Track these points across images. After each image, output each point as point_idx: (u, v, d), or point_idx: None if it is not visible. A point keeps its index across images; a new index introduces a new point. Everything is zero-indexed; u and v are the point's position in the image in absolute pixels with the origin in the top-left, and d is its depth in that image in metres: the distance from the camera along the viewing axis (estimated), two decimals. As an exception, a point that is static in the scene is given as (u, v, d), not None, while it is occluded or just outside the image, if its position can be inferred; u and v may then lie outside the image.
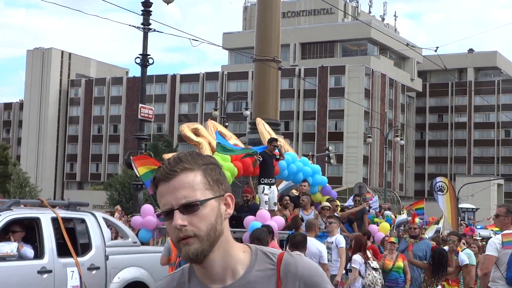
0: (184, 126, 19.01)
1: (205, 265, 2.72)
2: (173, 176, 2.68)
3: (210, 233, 2.66)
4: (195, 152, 2.79)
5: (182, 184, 2.68)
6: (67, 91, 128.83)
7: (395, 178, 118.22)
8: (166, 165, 2.72)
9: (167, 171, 2.69)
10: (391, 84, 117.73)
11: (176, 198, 2.67)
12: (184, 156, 2.74)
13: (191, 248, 2.66)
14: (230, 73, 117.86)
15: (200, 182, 2.69)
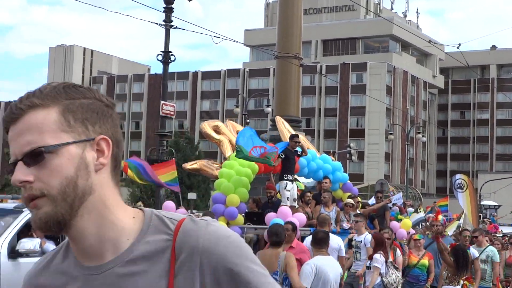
0: (205, 124, 19.04)
1: (73, 236, 2.00)
2: (18, 115, 2.00)
3: (67, 191, 1.94)
4: (65, 84, 2.13)
5: (28, 126, 1.98)
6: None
7: (417, 175, 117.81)
8: (16, 102, 2.05)
9: (12, 110, 2.03)
10: (413, 81, 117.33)
11: (20, 145, 1.99)
12: (40, 88, 2.08)
13: (39, 213, 1.95)
14: (251, 70, 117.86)
15: (53, 122, 1.98)
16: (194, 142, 78.67)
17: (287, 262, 9.61)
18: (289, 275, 9.55)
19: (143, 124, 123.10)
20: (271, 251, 10.04)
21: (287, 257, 9.70)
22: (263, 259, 9.92)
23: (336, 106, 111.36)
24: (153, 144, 53.41)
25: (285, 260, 9.65)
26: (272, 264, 9.70)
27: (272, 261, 9.73)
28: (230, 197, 16.10)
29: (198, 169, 18.32)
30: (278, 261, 9.70)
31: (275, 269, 9.66)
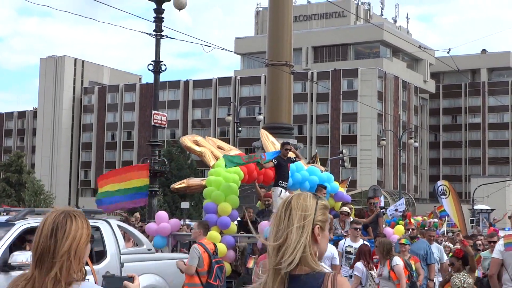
0: (185, 138, 19.06)
1: None
2: None
3: None
4: None
5: None
6: (80, 98, 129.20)
7: (409, 180, 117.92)
8: None
9: None
10: (404, 86, 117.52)
11: None
12: None
13: None
14: (242, 78, 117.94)
15: None
16: (186, 151, 78.50)
17: None
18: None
19: (135, 134, 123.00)
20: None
21: None
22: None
23: (328, 112, 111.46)
24: (145, 154, 53.33)
25: None
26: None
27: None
28: (221, 206, 16.07)
29: (185, 187, 18.30)
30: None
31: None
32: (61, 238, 3.89)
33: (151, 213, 26.24)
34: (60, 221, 3.94)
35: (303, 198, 3.83)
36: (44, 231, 3.96)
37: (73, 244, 3.89)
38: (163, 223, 16.64)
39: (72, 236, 3.91)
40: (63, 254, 3.86)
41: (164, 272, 13.66)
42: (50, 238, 3.90)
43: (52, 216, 4.00)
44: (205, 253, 12.48)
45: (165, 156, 66.19)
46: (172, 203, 72.80)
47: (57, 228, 3.92)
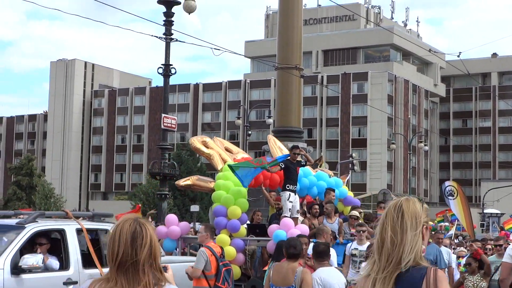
0: (194, 139, 19.04)
1: None
2: None
3: None
4: None
5: None
6: (90, 101, 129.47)
7: (419, 184, 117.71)
8: None
9: None
10: (414, 90, 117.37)
11: None
12: None
13: None
14: (252, 81, 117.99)
15: None
16: (196, 154, 78.51)
17: (304, 278, 9.58)
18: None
19: (145, 137, 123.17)
20: (287, 264, 9.99)
21: (303, 273, 9.67)
22: (279, 272, 9.90)
23: (338, 116, 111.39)
24: (155, 157, 53.40)
25: (301, 276, 9.62)
26: (288, 278, 9.68)
27: (288, 275, 9.70)
28: (231, 209, 16.08)
29: (191, 184, 18.27)
30: (294, 276, 9.67)
31: (290, 283, 9.64)
32: (141, 246, 4.11)
33: (161, 216, 26.32)
34: (138, 229, 4.16)
35: (412, 202, 4.44)
36: (122, 240, 4.12)
37: (152, 250, 4.14)
38: (172, 226, 16.67)
39: (149, 243, 4.15)
40: (144, 261, 4.11)
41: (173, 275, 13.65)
42: (131, 246, 4.10)
43: (128, 225, 4.18)
44: (212, 256, 12.50)
45: (174, 159, 66.22)
46: (182, 206, 72.88)
47: (135, 236, 4.12)
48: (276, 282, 9.81)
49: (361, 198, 25.67)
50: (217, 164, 17.93)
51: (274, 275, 9.90)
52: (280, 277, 9.82)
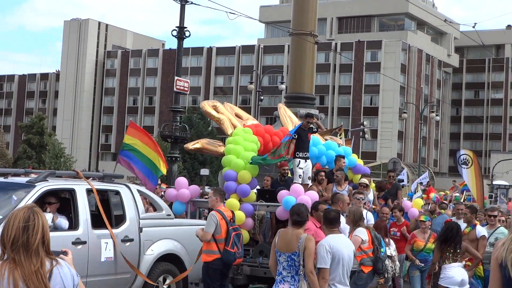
0: (204, 103, 18.95)
1: None
2: None
3: None
4: None
5: None
6: (103, 62, 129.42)
7: (429, 154, 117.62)
8: None
9: None
10: (427, 60, 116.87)
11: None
12: None
13: None
14: (266, 46, 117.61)
15: None
16: (207, 118, 78.55)
17: (307, 245, 9.57)
18: (305, 260, 9.52)
19: (157, 99, 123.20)
20: (292, 231, 9.97)
21: (307, 240, 9.65)
22: (284, 238, 9.90)
23: (350, 83, 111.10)
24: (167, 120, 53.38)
25: (305, 243, 9.60)
26: (292, 244, 9.68)
27: (292, 241, 9.69)
28: (241, 174, 16.06)
29: (200, 148, 18.19)
30: (298, 242, 9.67)
31: (293, 249, 9.64)
32: (32, 232, 4.91)
33: (171, 179, 26.38)
34: (31, 217, 4.97)
35: None
36: (15, 225, 4.91)
37: (44, 236, 4.95)
38: (182, 189, 16.68)
39: (41, 229, 4.96)
40: (38, 245, 4.89)
41: (182, 237, 13.73)
42: (22, 231, 4.89)
43: (22, 213, 4.97)
44: (223, 220, 12.52)
45: (185, 122, 66.31)
46: (191, 170, 73.08)
47: (28, 223, 4.92)
48: (281, 248, 9.82)
49: (371, 166, 25.56)
50: (227, 128, 17.87)
51: (279, 241, 9.90)
52: (284, 243, 9.82)
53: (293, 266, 9.66)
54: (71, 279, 5.08)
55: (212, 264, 12.51)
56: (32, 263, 4.88)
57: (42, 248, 4.93)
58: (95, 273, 11.94)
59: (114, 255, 12.26)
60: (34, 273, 4.86)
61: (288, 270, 9.71)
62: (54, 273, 4.99)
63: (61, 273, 5.04)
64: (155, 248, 13.12)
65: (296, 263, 9.62)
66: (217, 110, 18.38)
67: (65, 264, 5.09)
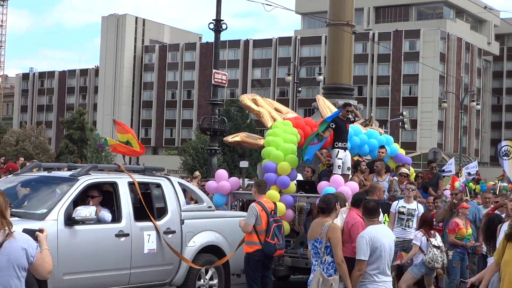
0: (244, 96, 19.00)
1: None
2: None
3: None
4: None
5: None
6: (141, 57, 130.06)
7: (470, 144, 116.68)
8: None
9: None
10: (467, 48, 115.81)
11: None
12: None
13: None
14: (303, 38, 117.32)
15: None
16: (245, 110, 78.62)
17: (331, 236, 9.59)
18: (333, 250, 9.56)
19: (195, 93, 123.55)
20: (319, 220, 10.05)
21: (330, 229, 9.67)
22: (312, 226, 9.99)
23: (389, 73, 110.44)
24: (205, 113, 53.59)
25: (328, 232, 9.64)
26: (315, 232, 9.75)
27: (317, 229, 9.76)
28: (281, 165, 16.10)
29: (239, 141, 18.27)
30: (321, 229, 9.71)
31: (316, 236, 9.70)
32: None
33: (211, 171, 26.54)
34: None
35: None
36: None
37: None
38: (222, 182, 16.77)
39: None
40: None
41: (223, 229, 13.81)
42: None
43: None
44: (263, 211, 12.57)
45: (223, 115, 66.44)
46: (231, 162, 73.21)
47: None
48: (308, 236, 9.94)
49: (411, 156, 25.53)
50: (267, 121, 17.92)
51: (309, 230, 10.02)
52: (310, 231, 9.93)
53: (318, 254, 9.72)
54: (20, 251, 5.72)
55: (253, 255, 12.58)
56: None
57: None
58: (138, 264, 12.08)
59: (157, 246, 12.39)
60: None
61: (315, 258, 9.77)
62: (4, 245, 5.67)
63: (11, 246, 5.69)
64: (197, 240, 13.22)
65: (319, 251, 9.68)
66: (256, 104, 18.43)
67: (20, 238, 5.74)
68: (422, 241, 13.72)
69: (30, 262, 5.79)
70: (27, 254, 5.75)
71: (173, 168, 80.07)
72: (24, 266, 5.77)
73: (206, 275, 13.44)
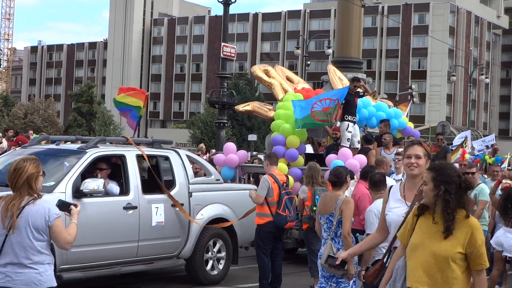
0: (256, 67, 18.99)
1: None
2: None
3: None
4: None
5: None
6: (150, 30, 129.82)
7: (479, 117, 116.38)
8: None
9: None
10: (476, 22, 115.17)
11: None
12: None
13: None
14: (312, 11, 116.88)
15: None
16: (254, 84, 78.60)
17: (344, 208, 9.59)
18: (342, 222, 9.55)
19: (204, 66, 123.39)
20: (331, 193, 10.03)
21: (345, 202, 9.67)
22: (324, 201, 9.95)
23: (398, 47, 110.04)
24: (214, 86, 53.45)
25: (342, 205, 9.63)
26: (329, 206, 9.72)
27: (330, 203, 9.73)
28: (290, 139, 16.11)
29: (250, 110, 18.27)
30: (335, 204, 9.69)
31: (330, 211, 9.68)
32: (19, 176, 6.44)
33: (219, 144, 26.56)
34: (20, 165, 6.49)
35: None
36: (9, 170, 6.49)
37: (27, 179, 6.43)
38: (231, 154, 16.77)
39: (25, 175, 6.43)
40: (21, 186, 6.43)
41: (231, 202, 13.81)
42: (12, 175, 6.45)
43: (15, 162, 6.54)
44: (275, 183, 12.60)
45: (232, 89, 66.37)
46: (239, 136, 73.29)
47: (17, 169, 6.46)
48: (320, 210, 9.89)
49: (419, 130, 25.39)
50: (278, 93, 17.90)
51: (320, 204, 9.97)
52: (323, 205, 9.88)
53: (330, 228, 9.71)
54: (40, 216, 6.39)
55: (264, 226, 12.59)
56: (15, 197, 6.40)
57: (26, 187, 6.39)
58: (146, 237, 12.10)
59: (165, 219, 12.41)
60: (13, 204, 6.35)
61: (328, 232, 9.75)
62: (25, 208, 6.37)
63: (31, 210, 6.38)
64: (205, 213, 13.22)
65: (332, 224, 9.67)
66: (268, 75, 18.40)
67: (40, 204, 6.41)
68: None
69: (49, 225, 6.40)
70: (45, 219, 6.38)
71: (181, 141, 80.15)
72: (39, 228, 6.38)
73: (214, 248, 13.46)
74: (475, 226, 5.60)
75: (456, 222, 5.58)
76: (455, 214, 5.57)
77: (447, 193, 5.60)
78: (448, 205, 5.58)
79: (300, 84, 18.97)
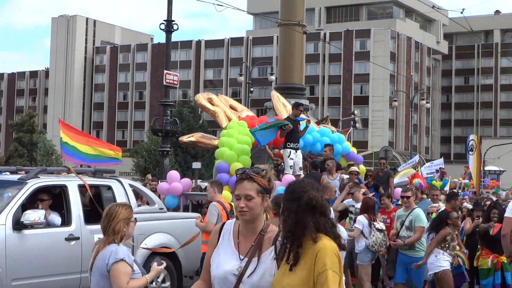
0: (199, 96, 18.99)
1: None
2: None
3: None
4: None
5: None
6: (92, 58, 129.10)
7: (421, 141, 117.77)
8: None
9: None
10: (416, 47, 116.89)
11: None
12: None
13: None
14: (255, 38, 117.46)
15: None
16: (198, 111, 78.49)
17: None
18: None
19: (147, 94, 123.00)
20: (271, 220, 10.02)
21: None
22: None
23: (340, 73, 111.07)
24: (157, 114, 53.27)
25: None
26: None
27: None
28: (234, 166, 16.10)
29: (194, 141, 18.25)
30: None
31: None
32: (112, 221, 7.04)
33: (163, 173, 26.36)
34: (112, 211, 7.11)
35: None
36: (103, 217, 7.08)
37: (114, 226, 7.04)
38: (174, 183, 16.69)
39: (115, 221, 7.05)
40: (109, 230, 7.04)
41: (175, 231, 13.71)
42: (104, 220, 7.06)
43: (108, 208, 7.19)
44: (223, 210, 12.64)
45: (176, 116, 66.15)
46: (183, 163, 72.95)
47: (109, 214, 7.07)
48: None
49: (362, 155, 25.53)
50: (222, 121, 17.88)
51: None
52: None
53: None
54: (103, 260, 6.84)
55: (211, 255, 12.49)
56: (103, 241, 6.99)
57: (111, 233, 6.94)
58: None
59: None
60: (98, 247, 6.97)
61: None
62: (100, 252, 6.91)
63: (101, 253, 6.90)
64: (149, 242, 13.09)
65: None
66: (212, 103, 18.40)
67: (109, 247, 6.87)
68: (364, 225, 13.82)
69: (107, 270, 6.94)
70: (105, 262, 6.93)
71: (125, 170, 79.51)
72: (101, 272, 7.00)
73: (158, 278, 13.33)
74: (322, 248, 4.65)
75: (303, 249, 4.66)
76: (298, 237, 4.66)
77: (286, 212, 4.78)
78: (285, 226, 4.73)
79: (244, 112, 19.02)
